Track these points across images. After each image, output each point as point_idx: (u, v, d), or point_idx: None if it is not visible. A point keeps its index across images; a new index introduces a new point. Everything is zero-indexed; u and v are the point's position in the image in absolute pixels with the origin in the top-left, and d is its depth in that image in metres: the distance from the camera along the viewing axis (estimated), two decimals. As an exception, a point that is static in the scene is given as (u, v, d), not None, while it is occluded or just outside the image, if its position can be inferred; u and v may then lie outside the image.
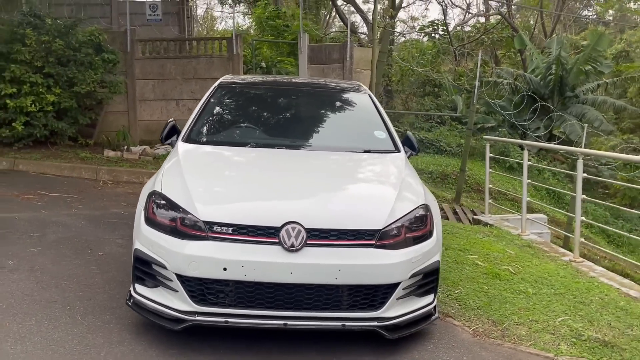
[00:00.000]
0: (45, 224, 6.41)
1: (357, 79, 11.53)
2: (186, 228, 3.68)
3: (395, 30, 19.18)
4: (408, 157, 5.07)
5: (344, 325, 3.65)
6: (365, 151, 4.84)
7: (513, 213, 9.33)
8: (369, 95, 5.53)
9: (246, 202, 3.87)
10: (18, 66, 9.46)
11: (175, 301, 3.67)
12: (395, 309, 3.77)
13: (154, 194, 3.96)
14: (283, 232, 3.58)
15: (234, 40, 11.56)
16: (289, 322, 3.62)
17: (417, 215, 3.97)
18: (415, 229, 3.92)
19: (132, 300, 3.88)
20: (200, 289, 3.62)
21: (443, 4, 22.95)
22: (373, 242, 3.70)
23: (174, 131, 4.94)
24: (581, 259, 6.57)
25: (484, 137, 9.83)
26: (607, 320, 4.46)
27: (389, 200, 3.95)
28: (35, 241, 5.77)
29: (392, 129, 5.16)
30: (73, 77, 9.79)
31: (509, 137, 16.32)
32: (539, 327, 4.28)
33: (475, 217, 9.69)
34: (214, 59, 11.72)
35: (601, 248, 9.51)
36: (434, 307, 4.06)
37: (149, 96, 11.91)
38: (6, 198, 7.57)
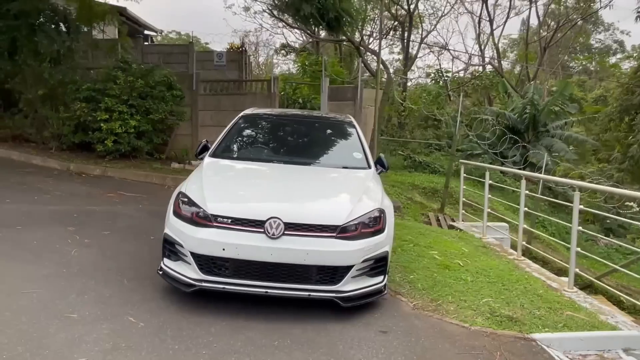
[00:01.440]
0: (117, 215, 6.85)
1: (365, 114, 11.81)
2: (199, 219, 4.02)
3: (403, 77, 19.37)
4: (379, 173, 5.32)
5: (310, 295, 3.92)
6: (344, 167, 5.11)
7: (480, 222, 9.39)
8: (354, 125, 5.80)
9: (242, 201, 4.20)
10: (110, 99, 10.04)
11: (189, 271, 4.01)
12: (350, 285, 4.01)
13: (180, 194, 4.32)
14: (267, 224, 3.89)
15: (272, 82, 11.96)
16: (269, 291, 3.91)
17: (372, 216, 4.21)
18: (370, 226, 4.16)
19: (161, 270, 4.23)
20: (206, 262, 3.94)
21: (451, 55, 23.05)
22: (334, 234, 3.96)
23: (205, 149, 5.30)
24: (523, 258, 6.65)
25: (460, 161, 9.94)
26: (521, 302, 4.60)
27: (350, 204, 4.21)
28: (107, 227, 6.20)
29: (368, 151, 5.41)
30: (149, 107, 10.32)
31: (490, 163, 16.27)
32: (465, 305, 4.44)
33: (451, 223, 9.79)
34: (257, 95, 12.13)
35: (534, 248, 9.46)
36: (384, 285, 4.28)
37: (208, 123, 12.38)
38: (94, 195, 8.07)
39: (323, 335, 3.75)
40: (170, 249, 4.16)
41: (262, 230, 3.88)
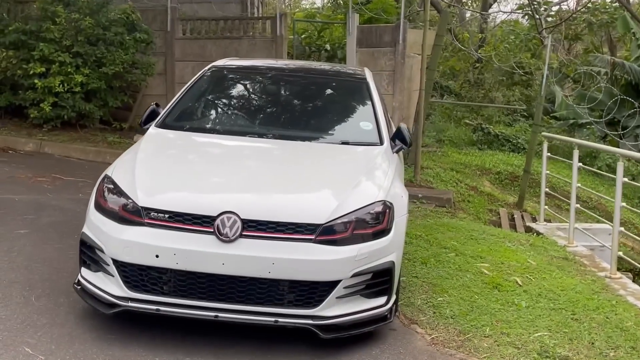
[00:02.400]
0: (43, 207, 7.09)
1: (410, 65, 11.73)
2: (127, 214, 4.13)
3: (476, 11, 19.02)
4: (397, 152, 5.33)
5: (276, 321, 3.98)
6: (343, 142, 5.14)
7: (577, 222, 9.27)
8: (367, 83, 5.81)
9: (187, 190, 4.29)
10: (47, 45, 10.32)
11: (111, 286, 4.13)
12: (335, 309, 4.06)
13: (105, 178, 4.45)
14: (218, 222, 3.96)
15: (278, 20, 12.01)
16: (220, 315, 3.99)
17: (372, 211, 4.23)
18: (368, 225, 4.19)
19: (79, 284, 4.38)
20: (134, 275, 4.05)
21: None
22: (312, 237, 4.00)
23: (154, 116, 5.43)
24: (619, 275, 6.55)
25: (543, 134, 9.76)
26: (592, 339, 4.56)
27: (338, 194, 4.25)
28: (25, 223, 6.43)
29: (382, 120, 5.42)
30: (102, 57, 10.57)
31: (602, 137, 15.92)
32: (506, 340, 4.44)
33: (529, 224, 9.69)
34: (256, 40, 12.25)
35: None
36: (389, 309, 4.32)
37: (189, 78, 12.57)
38: (18, 180, 8.36)
39: (291, 379, 3.83)
40: (89, 255, 4.29)
41: (212, 230, 3.97)
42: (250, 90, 5.86)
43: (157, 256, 3.97)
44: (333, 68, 6.33)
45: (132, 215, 4.11)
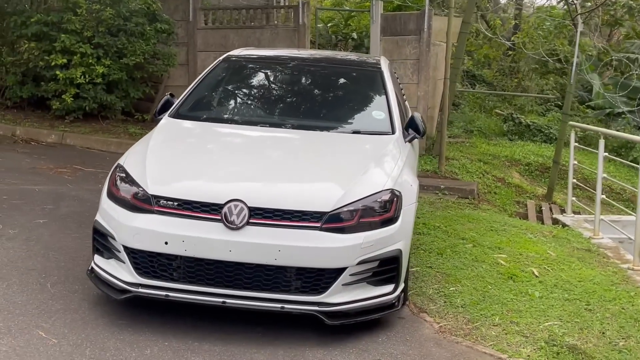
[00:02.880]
0: (63, 197, 7.37)
1: (435, 53, 11.81)
2: (138, 202, 4.36)
3: None
4: (410, 141, 5.48)
5: (282, 308, 4.18)
6: (354, 132, 5.31)
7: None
8: (380, 71, 5.96)
9: (195, 178, 4.50)
10: (68, 36, 10.62)
11: (122, 272, 4.36)
12: (340, 295, 4.24)
13: (117, 167, 4.68)
14: (225, 209, 4.16)
15: (300, 9, 12.18)
16: (227, 301, 4.19)
17: (380, 199, 4.40)
18: (375, 213, 4.36)
19: (92, 271, 4.62)
20: (144, 261, 4.27)
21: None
22: (318, 224, 4.18)
23: (169, 106, 5.65)
24: (641, 268, 6.62)
25: (570, 123, 9.80)
26: (603, 329, 4.67)
27: (345, 183, 4.42)
28: (45, 213, 6.71)
29: (395, 109, 5.56)
30: (123, 47, 10.84)
31: (637, 127, 15.81)
32: (514, 329, 4.57)
33: (555, 216, 9.75)
34: (278, 29, 12.42)
35: None
36: (397, 297, 4.48)
37: (211, 69, 12.83)
38: (39, 171, 8.68)
39: (296, 363, 4.02)
40: (102, 242, 4.53)
41: (220, 217, 4.17)
42: (263, 80, 6.06)
43: (166, 243, 4.18)
44: (348, 57, 6.48)
45: (143, 203, 4.33)
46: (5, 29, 11.06)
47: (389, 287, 4.44)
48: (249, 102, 5.80)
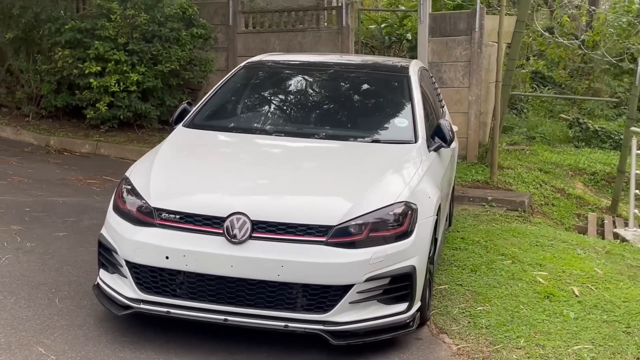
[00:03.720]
0: (87, 209, 7.62)
1: (488, 54, 11.70)
2: (141, 215, 4.50)
3: None
4: (435, 150, 5.49)
5: (286, 326, 4.24)
6: (374, 140, 5.36)
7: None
8: (407, 78, 5.98)
9: (198, 191, 4.62)
10: (102, 43, 10.96)
11: (124, 288, 4.51)
12: (348, 314, 4.27)
13: (124, 179, 4.85)
14: (227, 223, 4.26)
15: (344, 10, 12.27)
16: (229, 318, 4.28)
17: (392, 212, 4.43)
18: (386, 227, 4.39)
19: (98, 286, 4.79)
20: (145, 276, 4.41)
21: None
22: (324, 238, 4.24)
23: (185, 115, 5.81)
24: None
25: (632, 129, 9.58)
26: (638, 354, 4.57)
27: (354, 195, 4.47)
28: (66, 226, 6.95)
29: (420, 116, 5.57)
30: (157, 54, 11.13)
31: None
32: (539, 352, 4.53)
33: (615, 230, 9.56)
34: (321, 32, 12.54)
35: None
36: (412, 316, 4.50)
37: (251, 75, 13.04)
38: (68, 182, 8.98)
39: (299, 385, 4.08)
40: (106, 257, 4.69)
41: (222, 231, 4.27)
42: (282, 87, 6.16)
43: (167, 258, 4.31)
44: (374, 61, 6.53)
45: (146, 216, 4.47)
46: (40, 37, 11.46)
47: (402, 306, 4.45)
48: (265, 110, 5.91)
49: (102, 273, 4.74)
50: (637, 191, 9.16)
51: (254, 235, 4.25)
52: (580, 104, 18.26)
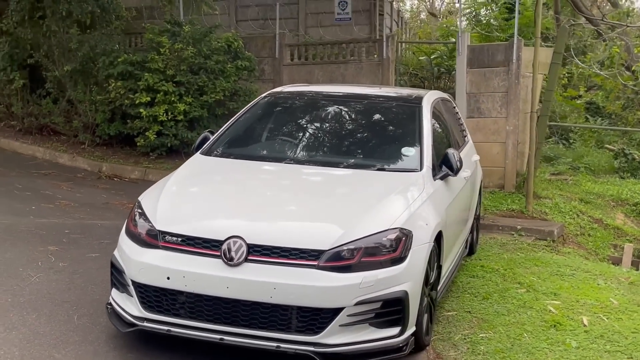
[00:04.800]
0: (123, 233, 7.85)
1: (525, 85, 11.61)
2: (148, 237, 4.67)
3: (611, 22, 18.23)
4: (442, 178, 5.52)
5: (278, 347, 4.31)
6: (380, 169, 5.41)
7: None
8: (418, 108, 6.02)
9: (201, 215, 4.75)
10: (151, 75, 11.33)
11: (130, 306, 4.66)
12: (338, 336, 4.32)
13: (136, 203, 5.02)
14: (225, 246, 4.38)
15: (385, 43, 12.39)
16: (225, 338, 4.38)
17: (385, 238, 4.48)
18: (378, 252, 4.43)
19: (110, 305, 4.95)
20: (149, 295, 4.55)
21: None
22: (316, 262, 4.31)
23: (206, 142, 5.99)
24: None
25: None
26: (633, 384, 4.47)
27: (348, 221, 4.53)
28: (100, 247, 7.17)
29: (428, 146, 5.60)
30: (203, 85, 11.43)
31: None
32: (530, 380, 4.47)
33: (648, 261, 9.31)
34: (363, 64, 12.67)
35: None
36: (405, 340, 4.52)
37: (296, 105, 13.23)
38: (111, 207, 9.28)
39: (287, 404, 4.12)
40: (117, 277, 4.86)
41: (219, 253, 4.39)
42: (297, 116, 6.28)
43: (168, 278, 4.44)
44: (391, 93, 6.58)
45: (152, 238, 4.64)
46: (96, 69, 11.90)
47: (394, 330, 4.47)
48: (279, 138, 6.03)
49: (114, 292, 4.91)
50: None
51: (249, 258, 4.35)
52: (631, 135, 17.87)
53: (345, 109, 6.28)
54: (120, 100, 11.62)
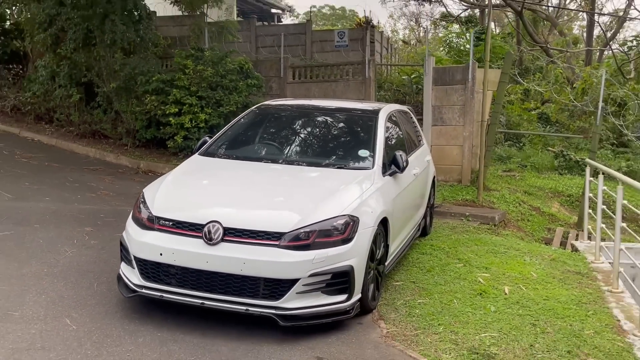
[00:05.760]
0: (147, 217, 7.84)
1: (479, 99, 11.50)
2: (147, 221, 4.66)
3: (528, 50, 18.03)
4: (391, 174, 5.46)
5: (247, 310, 4.30)
6: (339, 167, 5.36)
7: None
8: (377, 118, 5.96)
9: (188, 203, 4.74)
10: (178, 90, 11.31)
11: (133, 276, 4.66)
12: (295, 302, 4.30)
13: (141, 194, 5.01)
14: (205, 229, 4.37)
15: (366, 65, 12.30)
16: (205, 302, 4.37)
17: (335, 223, 4.45)
18: (331, 234, 4.40)
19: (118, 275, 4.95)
20: (146, 268, 4.55)
21: None
22: (277, 242, 4.29)
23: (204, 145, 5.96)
24: (620, 290, 6.13)
25: (586, 160, 9.22)
26: (533, 342, 4.41)
27: (306, 209, 4.50)
28: (126, 229, 7.18)
29: (380, 148, 5.56)
30: (220, 99, 11.40)
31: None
32: (450, 337, 4.43)
33: (573, 242, 9.18)
34: (350, 82, 12.57)
35: None
36: (352, 305, 4.49)
37: (297, 115, 13.16)
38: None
39: (251, 356, 4.09)
40: (124, 253, 4.85)
41: (201, 234, 4.37)
42: (279, 124, 6.23)
43: (160, 254, 4.43)
44: (357, 106, 6.50)
45: (150, 222, 4.63)
46: (136, 86, 11.89)
47: (342, 297, 4.45)
48: (262, 142, 5.98)
49: (122, 265, 4.90)
50: (589, 211, 8.77)
51: (225, 238, 4.34)
52: (570, 140, 17.68)
53: (318, 119, 6.22)
54: (154, 111, 11.59)
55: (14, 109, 14.14)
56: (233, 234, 4.34)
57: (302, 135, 6.04)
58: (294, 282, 4.26)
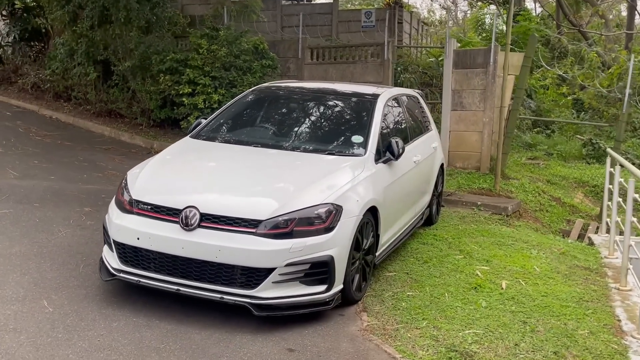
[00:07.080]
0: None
1: (500, 84, 11.18)
2: (127, 205, 4.63)
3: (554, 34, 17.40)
4: (385, 162, 5.32)
5: (222, 298, 4.25)
6: (329, 153, 5.24)
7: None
8: (375, 102, 5.80)
9: (168, 187, 4.68)
10: (192, 70, 11.28)
11: (112, 260, 4.64)
12: (271, 291, 4.22)
13: (125, 177, 4.97)
14: (182, 214, 4.31)
15: (385, 46, 12.07)
16: (181, 289, 4.33)
17: (316, 211, 4.34)
18: (311, 223, 4.31)
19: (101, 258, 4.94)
20: (124, 252, 4.53)
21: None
22: (254, 230, 4.21)
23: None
24: (629, 287, 5.90)
25: (607, 150, 8.89)
26: (518, 341, 4.26)
27: (286, 196, 4.41)
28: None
29: (374, 135, 5.41)
30: (233, 80, 11.32)
31: None
32: (432, 333, 4.30)
33: (589, 235, 8.90)
34: (368, 64, 12.37)
35: None
36: (332, 296, 4.40)
37: (314, 97, 13.02)
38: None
39: (222, 345, 4.04)
40: (106, 236, 4.83)
41: (178, 220, 4.31)
42: (274, 107, 6.11)
43: (137, 238, 4.40)
44: (357, 89, 6.29)
45: (130, 206, 4.59)
46: (150, 65, 11.89)
47: (321, 287, 4.36)
48: (254, 125, 5.87)
49: (105, 248, 4.89)
50: (608, 203, 8.48)
51: (202, 224, 4.28)
52: (601, 127, 17.16)
53: (315, 102, 6.07)
54: (169, 90, 11.59)
55: (34, 87, 14.30)
56: (210, 220, 4.28)
57: (296, 120, 5.92)
58: (270, 271, 4.19)
